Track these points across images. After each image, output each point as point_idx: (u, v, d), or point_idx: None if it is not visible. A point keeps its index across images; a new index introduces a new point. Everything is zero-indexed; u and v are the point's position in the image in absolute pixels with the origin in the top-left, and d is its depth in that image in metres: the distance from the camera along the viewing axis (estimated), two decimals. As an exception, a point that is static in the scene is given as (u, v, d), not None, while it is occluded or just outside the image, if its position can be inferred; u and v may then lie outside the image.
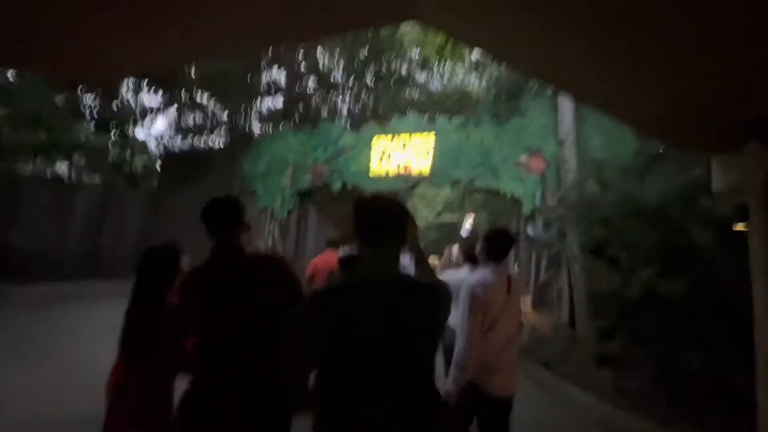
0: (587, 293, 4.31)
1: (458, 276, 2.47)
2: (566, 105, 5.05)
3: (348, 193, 7.03)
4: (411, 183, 6.30)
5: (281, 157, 7.37)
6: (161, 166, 9.27)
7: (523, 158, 5.55)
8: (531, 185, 5.45)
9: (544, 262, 5.28)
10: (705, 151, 2.72)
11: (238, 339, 1.24)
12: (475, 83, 10.15)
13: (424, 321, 1.05)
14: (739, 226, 2.65)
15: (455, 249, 3.41)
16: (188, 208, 8.07)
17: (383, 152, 6.54)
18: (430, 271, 1.28)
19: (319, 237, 7.47)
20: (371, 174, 6.54)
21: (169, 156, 9.49)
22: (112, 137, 9.40)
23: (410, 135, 6.40)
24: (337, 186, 6.78)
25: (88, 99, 9.05)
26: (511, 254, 6.16)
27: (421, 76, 13.16)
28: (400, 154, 6.41)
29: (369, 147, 6.64)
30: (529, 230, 5.40)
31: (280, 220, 7.18)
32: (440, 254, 4.89)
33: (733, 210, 2.62)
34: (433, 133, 6.26)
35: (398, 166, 6.37)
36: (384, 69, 11.30)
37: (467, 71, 10.37)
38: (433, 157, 6.17)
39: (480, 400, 1.86)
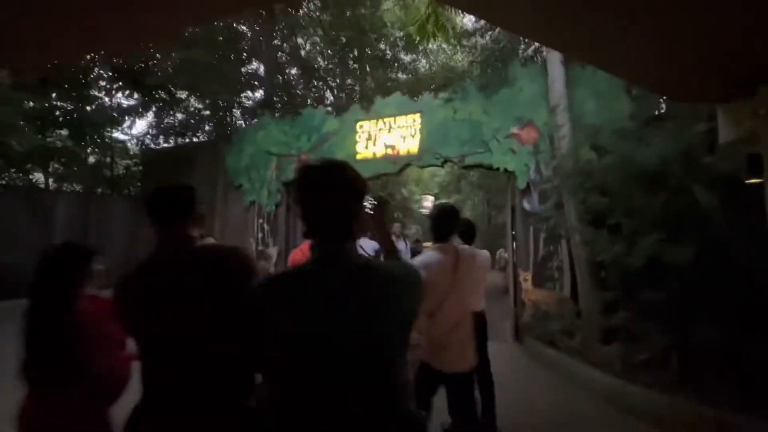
0: (589, 265, 4.11)
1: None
2: (556, 69, 4.77)
3: (336, 180, 6.78)
4: (400, 164, 6.05)
5: (264, 148, 7.08)
6: (143, 168, 8.95)
7: (514, 130, 5.30)
8: (524, 157, 5.21)
9: (542, 237, 5.08)
10: (711, 101, 2.49)
11: (183, 349, 1.01)
12: (460, 57, 9.83)
13: (386, 310, 0.86)
14: (753, 180, 2.44)
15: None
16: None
17: (369, 136, 6.27)
18: (397, 259, 1.12)
19: (310, 228, 7.25)
20: (358, 157, 6.28)
21: (150, 157, 9.17)
22: (89, 142, 9.05)
23: (395, 117, 6.12)
24: (323, 174, 6.51)
25: (61, 104, 8.70)
26: (509, 230, 5.96)
27: (405, 57, 12.77)
28: (387, 135, 6.14)
29: (354, 131, 6.36)
30: (525, 204, 5.18)
31: (268, 214, 6.94)
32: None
33: (745, 161, 2.40)
34: (419, 113, 5.98)
35: (385, 148, 6.11)
36: (368, 51, 10.92)
37: (452, 46, 9.99)
38: (421, 136, 5.91)
39: (433, 377, 1.93)
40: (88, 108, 9.27)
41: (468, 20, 7.58)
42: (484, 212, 20.94)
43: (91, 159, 9.50)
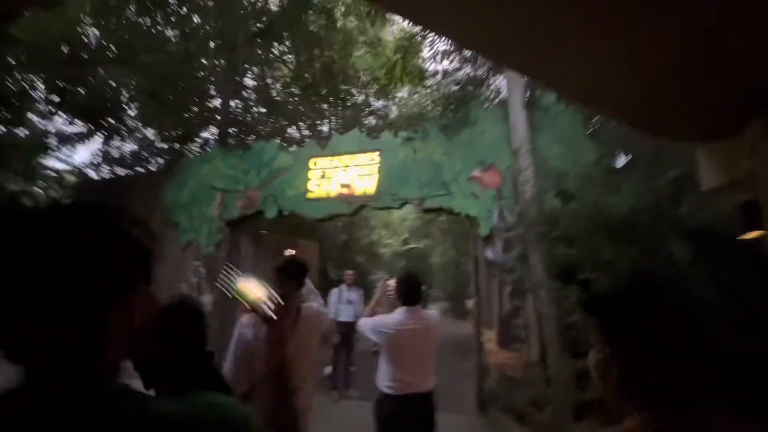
0: (558, 326, 3.60)
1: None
2: (517, 112, 4.55)
3: (284, 220, 6.15)
4: (355, 205, 5.53)
5: (209, 183, 6.40)
6: (72, 200, 7.94)
7: (476, 173, 4.96)
8: (487, 202, 4.83)
9: (507, 290, 4.58)
10: (692, 139, 2.17)
11: None
12: (422, 96, 9.82)
13: None
14: (753, 234, 2.05)
15: (392, 282, 2.60)
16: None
17: (323, 173, 5.77)
18: None
19: (254, 271, 6.45)
20: (309, 196, 5.72)
21: (84, 189, 8.22)
22: (14, 168, 8.02)
23: (352, 155, 5.70)
24: (272, 212, 5.88)
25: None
26: (472, 281, 5.44)
27: (376, 102, 12.83)
28: (342, 173, 5.66)
29: (307, 168, 5.85)
30: (488, 253, 4.72)
31: (206, 257, 6.12)
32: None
33: (739, 211, 2.01)
34: (377, 151, 5.59)
35: (340, 187, 5.60)
36: (339, 90, 10.81)
37: (417, 92, 10.04)
38: (379, 176, 5.47)
39: None
40: (20, 132, 8.34)
41: (433, 64, 7.55)
42: (452, 258, 20.67)
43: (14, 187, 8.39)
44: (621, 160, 4.36)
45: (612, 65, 1.48)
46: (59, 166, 10.62)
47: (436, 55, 7.13)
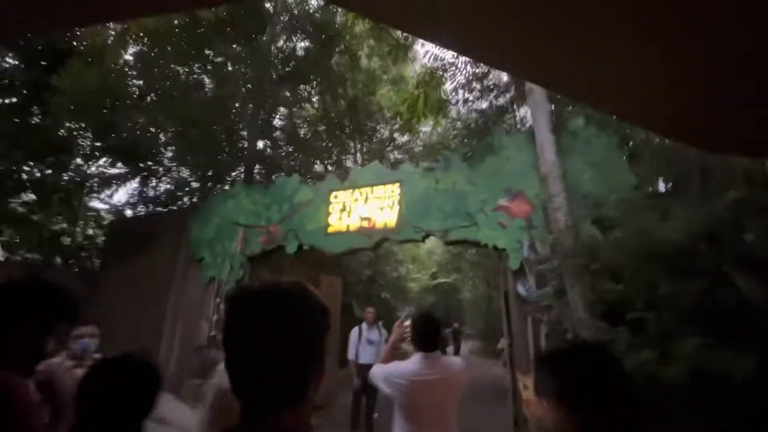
0: (607, 374, 3.11)
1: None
2: (544, 135, 4.30)
3: (305, 254, 6.01)
4: (376, 238, 5.32)
5: (232, 218, 6.44)
6: (106, 239, 8.27)
7: (503, 202, 4.66)
8: (516, 233, 4.49)
9: (544, 331, 4.12)
10: (757, 153, 1.84)
11: None
12: (444, 128, 9.77)
13: None
14: None
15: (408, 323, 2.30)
16: (126, 287, 6.95)
17: (343, 207, 5.65)
18: None
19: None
20: (330, 230, 5.59)
21: (116, 227, 8.55)
22: (57, 209, 8.53)
23: (372, 187, 5.58)
24: (292, 247, 5.77)
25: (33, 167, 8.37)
26: (503, 319, 5.01)
27: (401, 137, 12.96)
28: (362, 207, 5.52)
29: (327, 202, 5.77)
30: (520, 289, 4.31)
31: (227, 293, 6.03)
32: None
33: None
34: (398, 183, 5.44)
35: (360, 220, 5.44)
36: (363, 125, 11.02)
37: (439, 121, 10.01)
38: (400, 207, 5.28)
39: None
40: (64, 174, 8.94)
41: (454, 96, 7.51)
42: (484, 293, 19.76)
43: (57, 228, 8.88)
44: (662, 185, 3.97)
45: (655, 70, 1.24)
46: (100, 206, 11.30)
47: (458, 88, 7.10)
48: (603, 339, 2.81)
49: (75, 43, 6.20)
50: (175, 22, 8.84)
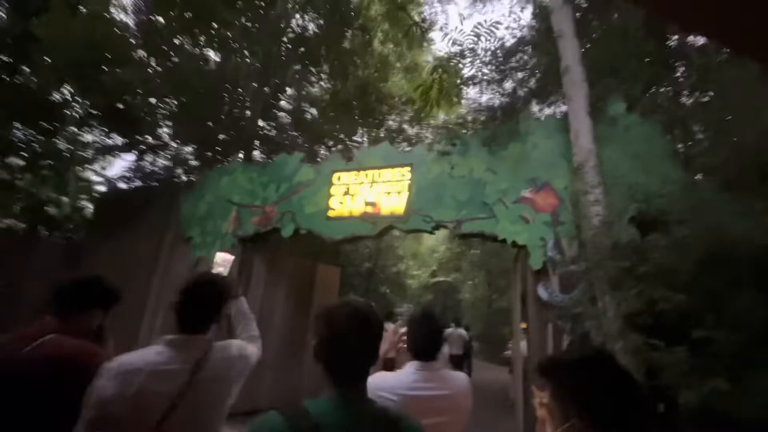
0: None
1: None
2: (581, 121, 3.76)
3: (302, 240, 5.52)
4: (380, 226, 4.81)
5: (226, 196, 5.95)
6: (94, 211, 7.80)
7: (526, 193, 4.14)
8: (539, 229, 3.97)
9: (566, 340, 3.62)
10: None
11: None
12: (460, 108, 9.22)
13: None
14: None
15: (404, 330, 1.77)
16: (110, 263, 6.48)
17: (346, 190, 5.15)
18: None
19: (265, 297, 5.79)
20: (330, 214, 5.09)
21: (105, 199, 8.08)
22: (42, 175, 8.06)
23: (380, 169, 5.06)
24: (288, 230, 5.28)
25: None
26: (515, 324, 4.51)
27: (411, 129, 12.42)
28: (367, 191, 5.01)
29: (329, 183, 5.26)
30: (541, 292, 3.80)
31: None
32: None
33: None
34: (408, 166, 4.93)
35: (365, 205, 4.93)
36: (367, 110, 10.47)
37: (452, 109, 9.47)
38: (409, 194, 4.77)
39: None
40: (55, 141, 8.46)
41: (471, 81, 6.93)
42: (484, 294, 19.31)
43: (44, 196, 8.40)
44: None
45: None
46: (94, 178, 10.84)
47: (478, 72, 6.52)
48: (654, 360, 2.31)
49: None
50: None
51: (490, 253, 15.22)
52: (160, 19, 8.94)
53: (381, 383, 1.41)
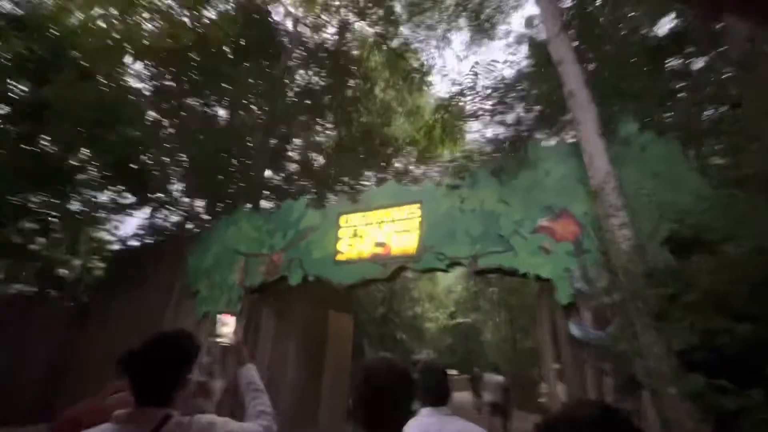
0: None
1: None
2: (594, 143, 3.61)
3: (312, 287, 5.28)
4: (392, 267, 4.56)
5: (233, 246, 5.83)
6: (105, 270, 7.75)
7: (543, 222, 3.91)
8: (562, 259, 3.68)
9: (607, 382, 3.20)
10: None
11: None
12: (465, 142, 9.19)
13: None
14: None
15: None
16: (117, 322, 6.29)
17: (354, 232, 4.98)
18: None
19: (275, 350, 5.44)
20: (339, 258, 4.88)
21: (115, 258, 8.05)
22: (55, 238, 8.12)
23: (388, 208, 4.92)
24: (296, 278, 5.06)
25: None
26: (548, 367, 4.08)
27: (416, 170, 12.51)
28: (376, 231, 4.84)
29: (336, 226, 5.12)
30: (573, 329, 3.44)
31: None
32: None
33: None
34: (418, 203, 4.78)
35: (374, 246, 4.73)
36: (372, 153, 10.60)
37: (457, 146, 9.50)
38: (420, 231, 4.57)
39: None
40: (72, 205, 8.62)
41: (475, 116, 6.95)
42: (508, 335, 18.29)
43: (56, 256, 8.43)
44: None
45: None
46: (107, 237, 10.94)
47: (478, 109, 6.55)
48: (722, 406, 1.94)
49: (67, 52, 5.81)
50: (189, 53, 8.82)
51: (510, 289, 14.60)
52: (171, 83, 9.44)
53: None
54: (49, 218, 8.07)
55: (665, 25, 4.51)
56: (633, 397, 3.04)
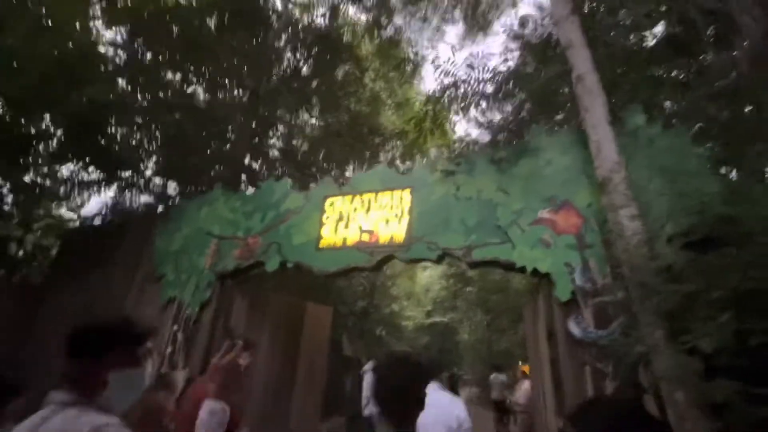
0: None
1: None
2: (602, 131, 3.38)
3: (290, 275, 4.89)
4: (379, 256, 4.24)
5: (205, 228, 5.36)
6: (60, 249, 7.09)
7: (544, 213, 3.67)
8: (563, 253, 3.45)
9: (608, 385, 2.98)
10: None
11: None
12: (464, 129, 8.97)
13: None
14: None
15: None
16: (74, 306, 5.69)
17: (339, 217, 4.63)
18: None
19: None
20: (322, 244, 4.52)
21: (74, 235, 7.39)
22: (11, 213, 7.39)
23: (376, 193, 4.59)
24: (273, 263, 4.66)
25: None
26: (544, 367, 3.88)
27: (402, 165, 12.23)
28: (363, 217, 4.50)
29: (320, 210, 4.75)
30: (573, 328, 3.21)
31: (187, 319, 4.82)
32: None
33: None
34: (408, 189, 4.47)
35: (360, 232, 4.39)
36: (359, 140, 10.22)
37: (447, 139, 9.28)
38: (410, 218, 4.26)
39: None
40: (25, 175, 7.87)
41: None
42: (483, 336, 18.30)
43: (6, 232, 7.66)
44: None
45: None
46: (68, 214, 10.14)
47: (475, 99, 6.29)
48: (755, 415, 1.72)
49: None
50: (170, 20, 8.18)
51: (489, 290, 14.53)
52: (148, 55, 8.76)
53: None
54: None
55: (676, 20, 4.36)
56: (639, 399, 2.83)
